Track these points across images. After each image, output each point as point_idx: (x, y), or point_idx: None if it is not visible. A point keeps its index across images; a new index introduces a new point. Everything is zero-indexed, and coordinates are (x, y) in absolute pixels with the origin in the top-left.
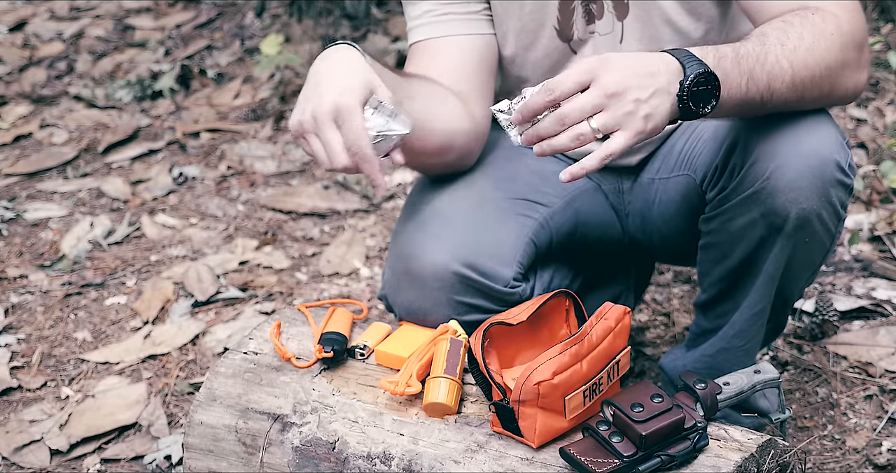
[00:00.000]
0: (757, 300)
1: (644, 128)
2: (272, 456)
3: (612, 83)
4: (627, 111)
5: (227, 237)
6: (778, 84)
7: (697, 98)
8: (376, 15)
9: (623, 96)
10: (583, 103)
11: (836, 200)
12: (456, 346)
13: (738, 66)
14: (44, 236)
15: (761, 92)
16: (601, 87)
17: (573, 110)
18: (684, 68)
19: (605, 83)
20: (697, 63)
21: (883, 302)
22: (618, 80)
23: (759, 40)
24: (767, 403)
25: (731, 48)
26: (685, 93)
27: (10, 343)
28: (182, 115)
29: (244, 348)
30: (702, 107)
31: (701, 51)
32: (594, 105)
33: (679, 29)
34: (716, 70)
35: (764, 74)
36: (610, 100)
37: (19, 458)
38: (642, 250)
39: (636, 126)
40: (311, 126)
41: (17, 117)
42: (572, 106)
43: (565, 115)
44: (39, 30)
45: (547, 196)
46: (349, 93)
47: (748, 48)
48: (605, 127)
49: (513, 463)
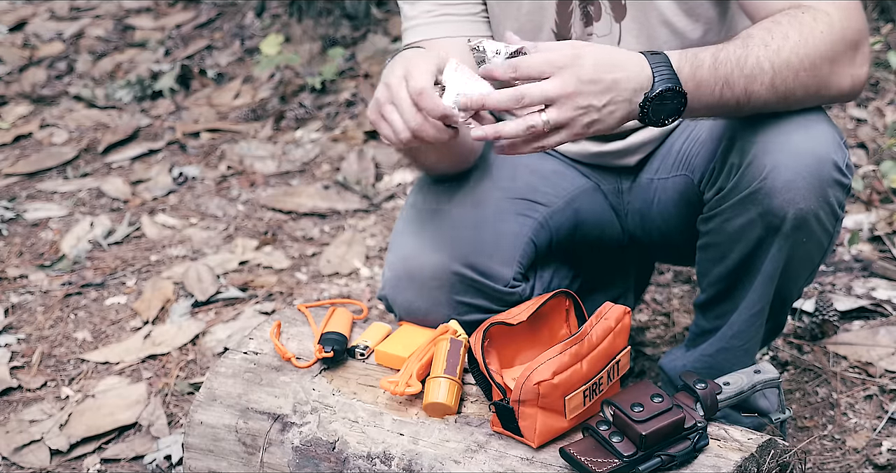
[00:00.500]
0: (756, 300)
1: (585, 133)
2: (272, 456)
3: (573, 84)
4: (576, 114)
5: (227, 237)
6: (756, 86)
7: (658, 111)
8: (376, 15)
9: (577, 99)
10: (542, 90)
11: (834, 200)
12: (456, 346)
13: (715, 72)
14: (44, 236)
15: (737, 96)
16: (561, 85)
17: (532, 93)
18: (654, 81)
19: (566, 81)
20: (668, 78)
21: (883, 302)
22: (577, 84)
23: (742, 42)
24: (767, 403)
25: (711, 54)
26: (647, 105)
27: (10, 343)
28: (182, 115)
29: (244, 348)
30: (662, 119)
31: (679, 59)
32: (549, 98)
33: (676, 30)
34: (688, 82)
35: (742, 78)
36: (565, 99)
37: (19, 458)
38: (642, 250)
39: (577, 130)
40: (384, 96)
41: (17, 117)
42: (532, 89)
43: (523, 95)
44: (39, 30)
45: (546, 196)
46: (420, 59)
47: (728, 52)
48: (554, 122)
49: (513, 463)
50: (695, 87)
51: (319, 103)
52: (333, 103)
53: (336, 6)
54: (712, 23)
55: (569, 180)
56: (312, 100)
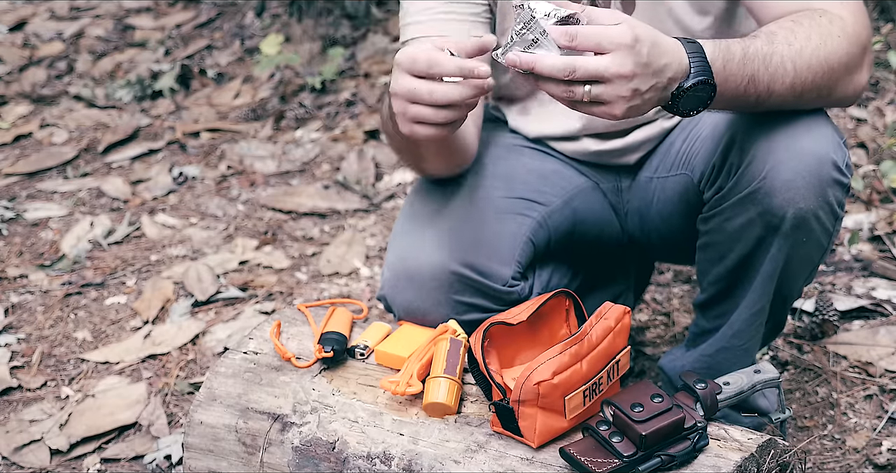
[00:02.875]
0: (755, 299)
1: (619, 114)
2: (272, 456)
3: (631, 65)
4: (622, 95)
5: (227, 237)
6: (778, 85)
7: (688, 103)
8: (376, 15)
9: (631, 82)
10: (598, 67)
11: (834, 199)
12: (456, 346)
13: (744, 68)
14: (44, 236)
15: (759, 92)
16: (620, 65)
17: (585, 69)
18: (689, 72)
19: (625, 62)
20: (702, 69)
21: (883, 301)
22: (635, 66)
23: (767, 39)
24: (767, 403)
25: (741, 47)
26: (680, 96)
27: (10, 342)
28: (182, 115)
29: (244, 348)
30: (689, 110)
31: (713, 51)
32: (603, 76)
33: (686, 26)
34: (718, 75)
35: (766, 76)
36: (619, 79)
37: (19, 458)
38: (641, 249)
39: (615, 110)
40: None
41: (17, 117)
42: (587, 66)
43: (575, 69)
44: (39, 29)
45: (545, 195)
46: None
47: (756, 47)
48: (596, 97)
49: (513, 463)
50: (723, 81)
51: (319, 103)
52: (333, 103)
53: (336, 6)
54: (721, 20)
55: (567, 179)
56: (312, 99)
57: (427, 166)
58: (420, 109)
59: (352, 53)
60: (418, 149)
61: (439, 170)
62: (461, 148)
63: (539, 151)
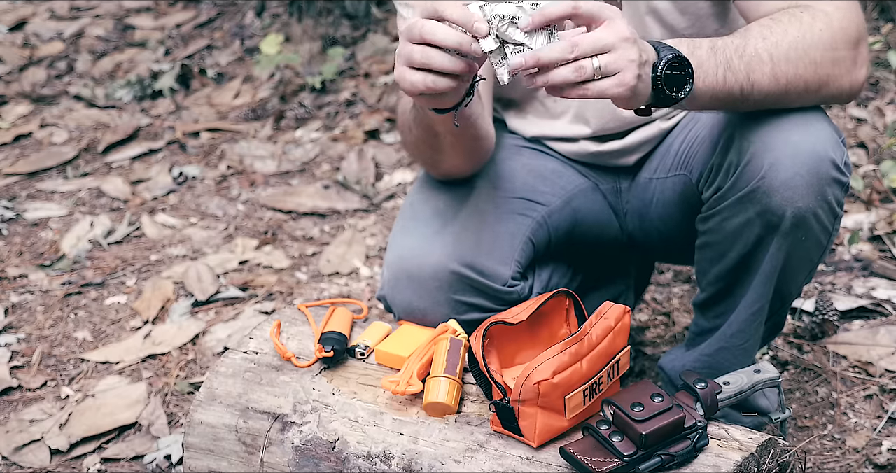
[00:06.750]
0: (755, 299)
1: (631, 85)
2: (272, 456)
3: (627, 30)
4: (631, 58)
5: (227, 237)
6: (758, 75)
7: (671, 81)
8: (376, 15)
9: (632, 45)
10: (596, 38)
11: (833, 198)
12: (456, 346)
13: (714, 55)
14: (44, 236)
15: (741, 82)
16: (617, 30)
17: (586, 41)
18: (658, 53)
19: (620, 27)
20: (670, 49)
21: (883, 301)
22: (630, 31)
23: (740, 34)
24: (767, 402)
25: (708, 40)
26: (659, 75)
27: (10, 342)
28: (182, 115)
29: (244, 347)
30: (675, 91)
31: (676, 42)
32: (606, 43)
33: (667, 23)
34: (690, 58)
35: (742, 65)
36: (621, 43)
37: (19, 458)
38: (641, 249)
39: (627, 79)
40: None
41: (17, 117)
42: (587, 37)
43: (577, 44)
44: (39, 29)
45: (545, 195)
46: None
47: (726, 40)
48: (605, 68)
49: (513, 463)
50: (697, 65)
51: (319, 103)
52: (333, 103)
53: (336, 6)
54: (705, 21)
55: (567, 180)
56: (312, 99)
57: (444, 161)
58: (429, 50)
59: (352, 53)
60: (436, 139)
61: (457, 165)
62: (478, 137)
63: (538, 151)
